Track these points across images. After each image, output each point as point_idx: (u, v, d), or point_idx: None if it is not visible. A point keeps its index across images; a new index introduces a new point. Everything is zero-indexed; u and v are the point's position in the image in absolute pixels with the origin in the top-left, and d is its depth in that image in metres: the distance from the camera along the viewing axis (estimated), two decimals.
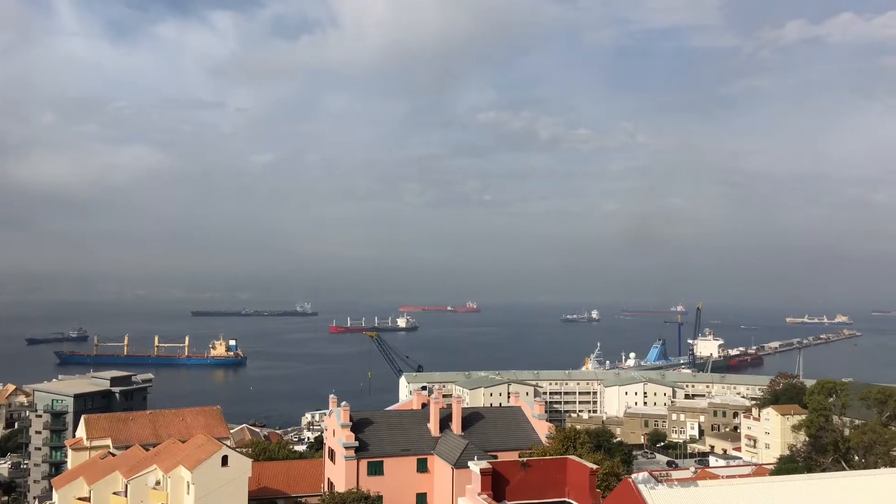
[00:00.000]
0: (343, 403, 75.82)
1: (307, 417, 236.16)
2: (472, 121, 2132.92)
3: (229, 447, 76.48)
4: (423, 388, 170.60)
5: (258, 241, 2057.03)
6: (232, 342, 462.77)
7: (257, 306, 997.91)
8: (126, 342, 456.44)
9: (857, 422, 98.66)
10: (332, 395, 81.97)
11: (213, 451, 70.65)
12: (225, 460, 70.00)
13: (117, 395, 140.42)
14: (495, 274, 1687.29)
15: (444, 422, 77.20)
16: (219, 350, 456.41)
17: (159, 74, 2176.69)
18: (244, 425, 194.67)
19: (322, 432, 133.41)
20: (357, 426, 74.13)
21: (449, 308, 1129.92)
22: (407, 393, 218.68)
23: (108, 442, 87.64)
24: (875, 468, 71.58)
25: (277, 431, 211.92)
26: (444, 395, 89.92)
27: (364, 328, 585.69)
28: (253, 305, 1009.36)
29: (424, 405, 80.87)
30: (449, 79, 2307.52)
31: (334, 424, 76.41)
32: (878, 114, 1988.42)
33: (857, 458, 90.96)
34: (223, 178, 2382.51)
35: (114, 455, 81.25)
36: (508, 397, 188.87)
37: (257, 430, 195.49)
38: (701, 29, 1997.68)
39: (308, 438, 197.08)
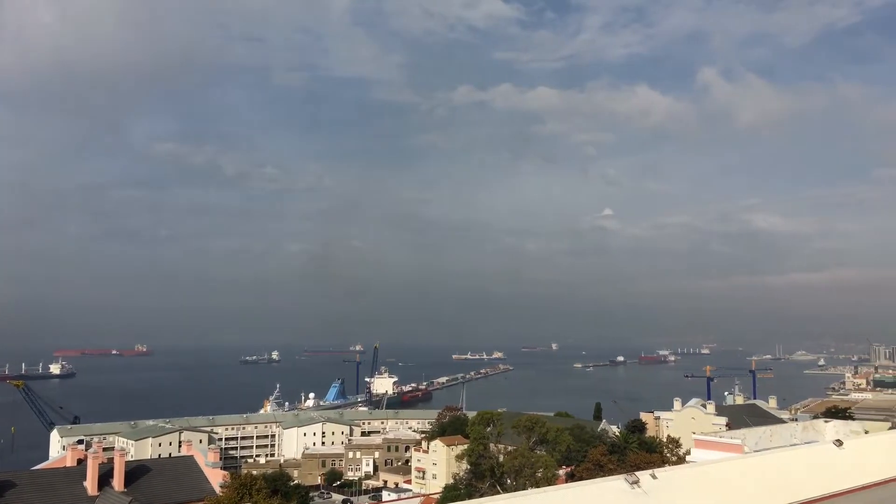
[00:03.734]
0: None
1: None
2: (149, 151, 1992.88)
3: None
4: (80, 441, 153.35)
5: None
6: None
7: None
8: None
9: (509, 448, 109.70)
10: None
11: None
12: None
13: None
14: (169, 314, 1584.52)
15: (105, 478, 69.81)
16: None
17: None
18: None
19: None
20: None
21: (114, 351, 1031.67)
22: (60, 448, 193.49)
23: None
24: (524, 489, 79.99)
25: None
26: (104, 449, 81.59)
27: (8, 376, 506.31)
28: None
29: (81, 461, 72.53)
30: (125, 104, 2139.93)
31: None
32: (529, 174, 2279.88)
33: (509, 481, 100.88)
34: None
35: None
36: (180, 446, 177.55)
37: None
38: (384, 83, 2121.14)
39: None
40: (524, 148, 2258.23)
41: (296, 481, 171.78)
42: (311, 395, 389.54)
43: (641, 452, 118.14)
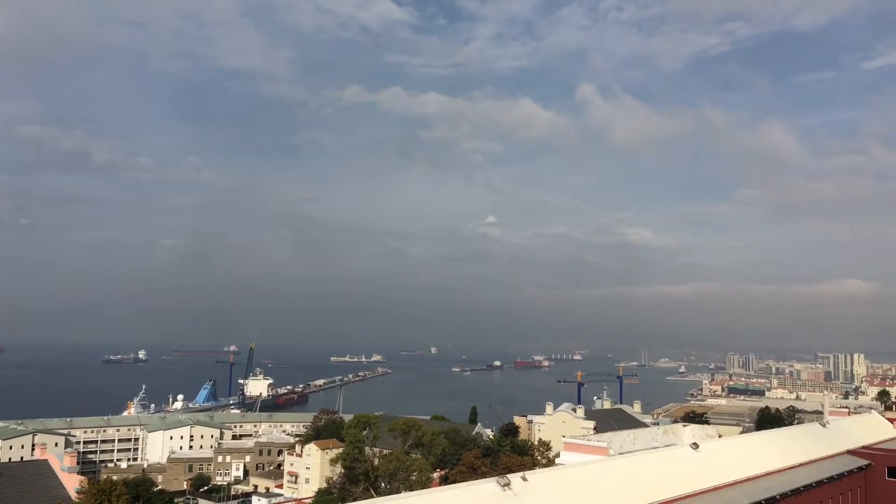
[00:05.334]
0: None
1: None
2: (9, 133, 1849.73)
3: None
4: None
5: None
6: None
7: None
8: None
9: (385, 451, 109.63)
10: None
11: None
12: None
13: None
14: (25, 309, 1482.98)
15: None
16: None
17: None
18: None
19: None
20: None
21: None
22: None
23: None
24: (398, 493, 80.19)
25: None
26: None
27: None
28: None
29: None
30: None
31: None
32: (416, 178, 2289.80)
33: (384, 484, 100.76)
34: None
35: None
36: (33, 450, 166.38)
37: None
38: (271, 78, 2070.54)
39: None
40: (412, 152, 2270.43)
41: (160, 487, 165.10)
42: (180, 396, 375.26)
43: (514, 455, 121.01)
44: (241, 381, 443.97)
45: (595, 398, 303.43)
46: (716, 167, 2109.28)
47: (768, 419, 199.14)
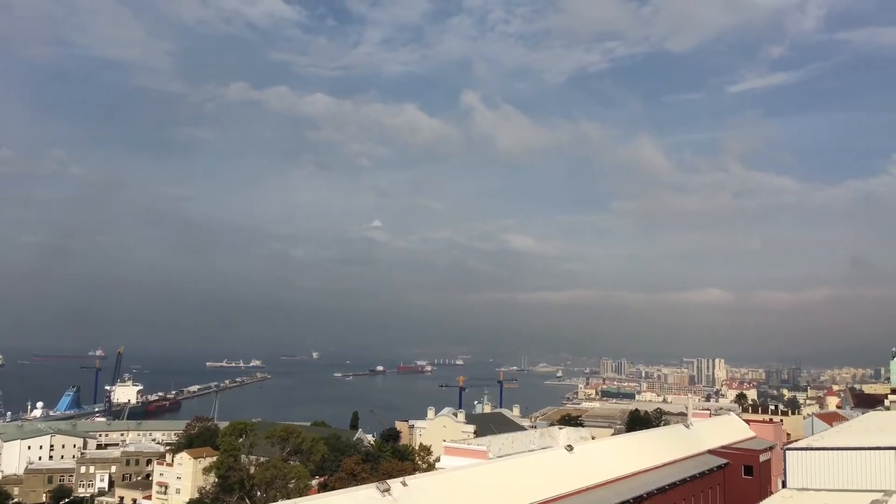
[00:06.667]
0: None
1: None
2: None
3: None
4: None
5: None
6: None
7: None
8: None
9: (262, 459, 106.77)
10: None
11: None
12: None
13: None
14: None
15: None
16: None
17: None
18: None
19: None
20: None
21: None
22: None
23: None
24: (275, 501, 78.30)
25: None
26: None
27: None
28: None
29: None
30: None
31: None
32: (301, 179, 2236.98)
33: (259, 493, 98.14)
34: None
35: None
36: None
37: None
38: (149, 70, 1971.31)
39: None
40: (298, 153, 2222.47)
41: (16, 500, 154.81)
42: (39, 404, 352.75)
43: (394, 461, 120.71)
44: (107, 388, 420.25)
45: (476, 402, 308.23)
46: (593, 179, 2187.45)
47: (638, 421, 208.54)
